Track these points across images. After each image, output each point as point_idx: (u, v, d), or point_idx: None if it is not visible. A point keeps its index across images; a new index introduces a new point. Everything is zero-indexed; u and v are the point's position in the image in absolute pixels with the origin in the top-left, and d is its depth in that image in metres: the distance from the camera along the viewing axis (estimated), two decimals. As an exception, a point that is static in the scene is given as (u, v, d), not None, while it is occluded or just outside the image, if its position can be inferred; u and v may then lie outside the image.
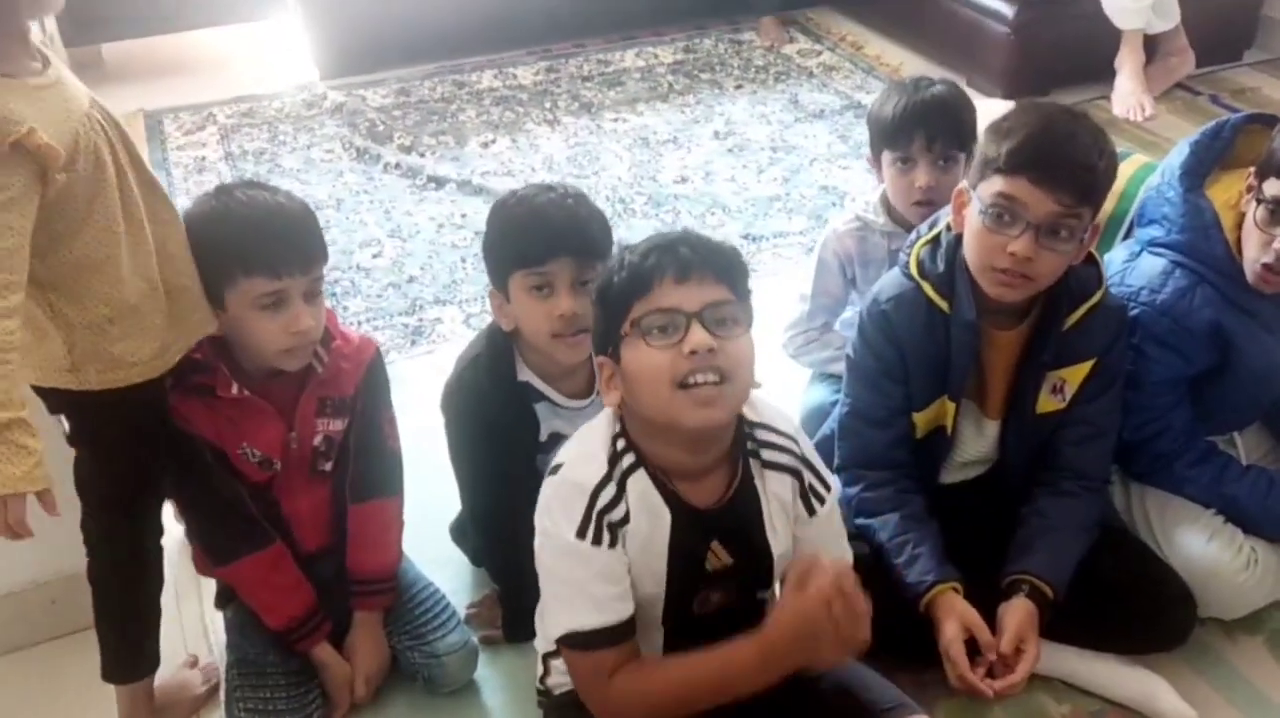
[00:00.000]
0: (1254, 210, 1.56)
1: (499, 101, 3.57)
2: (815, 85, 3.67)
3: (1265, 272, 1.56)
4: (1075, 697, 1.64)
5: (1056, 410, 1.63)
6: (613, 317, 1.24)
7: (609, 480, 1.25)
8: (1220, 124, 1.70)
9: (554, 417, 1.63)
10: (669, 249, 1.22)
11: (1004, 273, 1.47)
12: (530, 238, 1.51)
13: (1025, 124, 1.45)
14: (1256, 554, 1.67)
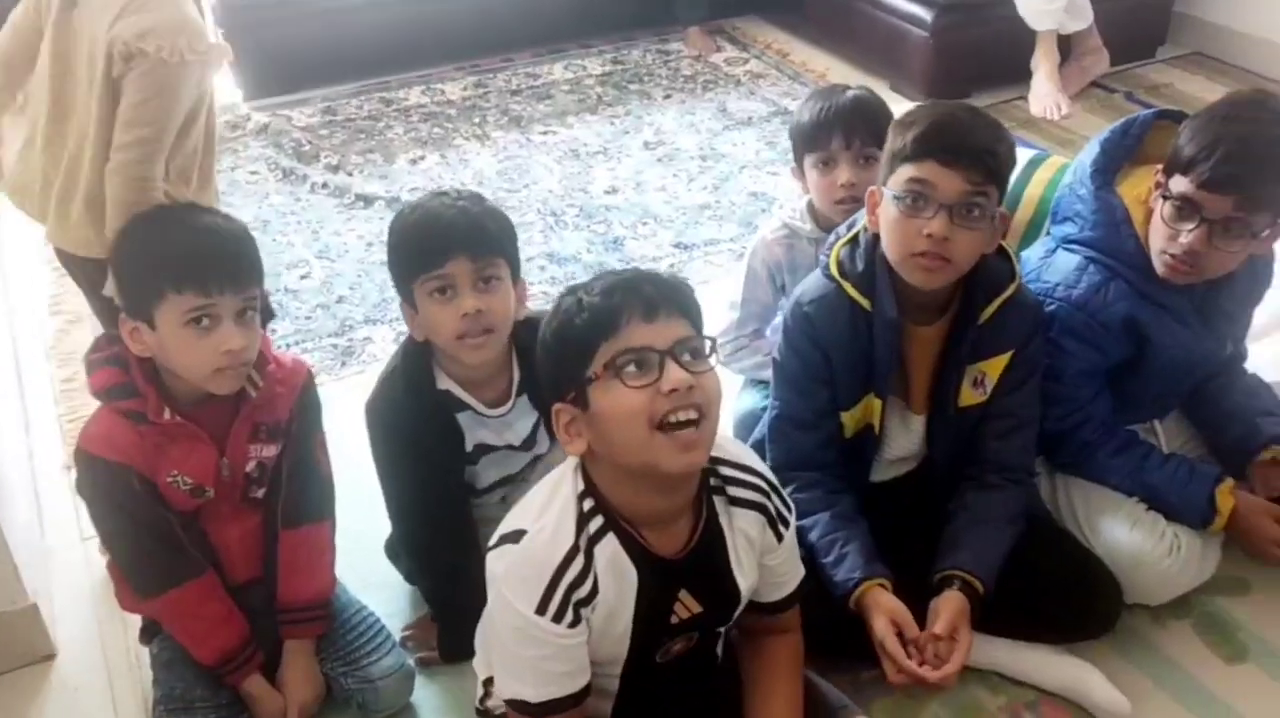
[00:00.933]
0: (1160, 206, 1.60)
1: (427, 118, 3.54)
2: (743, 93, 3.69)
3: (1173, 263, 1.60)
4: (1010, 689, 1.66)
5: (978, 404, 1.65)
6: (575, 360, 1.19)
7: (576, 553, 1.22)
8: (1129, 121, 1.74)
9: (478, 426, 1.62)
10: (632, 288, 1.19)
11: (923, 256, 1.50)
12: (426, 242, 1.50)
13: (928, 114, 1.51)
14: (1180, 541, 1.70)
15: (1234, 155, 1.50)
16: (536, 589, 1.20)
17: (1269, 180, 1.51)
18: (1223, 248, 1.56)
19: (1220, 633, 1.74)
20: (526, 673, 1.25)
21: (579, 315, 1.19)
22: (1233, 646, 1.72)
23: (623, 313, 1.17)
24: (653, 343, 1.17)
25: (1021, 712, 1.63)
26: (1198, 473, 1.73)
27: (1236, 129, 1.52)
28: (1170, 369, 1.73)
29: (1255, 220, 1.54)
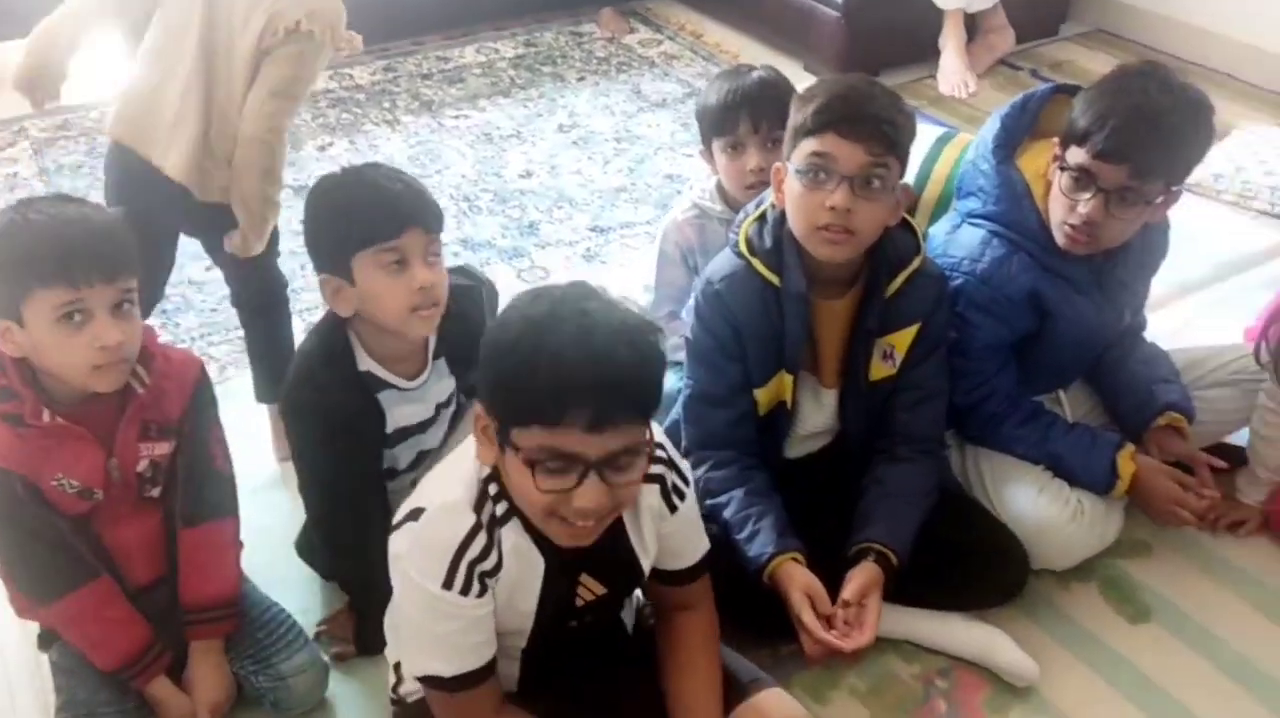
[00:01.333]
0: (1059, 178, 1.62)
1: (335, 103, 3.47)
2: (657, 75, 3.68)
3: (1073, 233, 1.63)
4: (924, 657, 1.69)
5: (888, 376, 1.67)
6: (510, 409, 1.11)
7: (479, 530, 1.21)
8: (1026, 96, 1.77)
9: (399, 404, 1.61)
10: (589, 391, 1.07)
11: (827, 229, 1.51)
12: (379, 213, 1.48)
13: (827, 87, 1.52)
14: (1083, 506, 1.74)
15: (1125, 125, 1.53)
16: (441, 564, 1.20)
17: (1159, 148, 1.55)
18: (1119, 216, 1.59)
19: (1123, 594, 1.79)
20: (439, 648, 1.24)
21: (530, 379, 1.08)
22: (1135, 606, 1.77)
23: (568, 412, 1.07)
24: (585, 453, 1.10)
25: (935, 679, 1.66)
26: (1100, 440, 1.77)
27: (1127, 100, 1.55)
28: (1072, 340, 1.76)
29: (1148, 189, 1.58)
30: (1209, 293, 2.48)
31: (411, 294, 1.49)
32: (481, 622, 1.24)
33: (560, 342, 1.07)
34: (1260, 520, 1.87)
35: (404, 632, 1.30)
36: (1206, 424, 1.88)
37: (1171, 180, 1.61)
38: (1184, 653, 1.69)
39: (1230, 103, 3.29)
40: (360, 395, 1.57)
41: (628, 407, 1.10)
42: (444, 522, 1.21)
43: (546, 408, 1.08)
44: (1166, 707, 1.61)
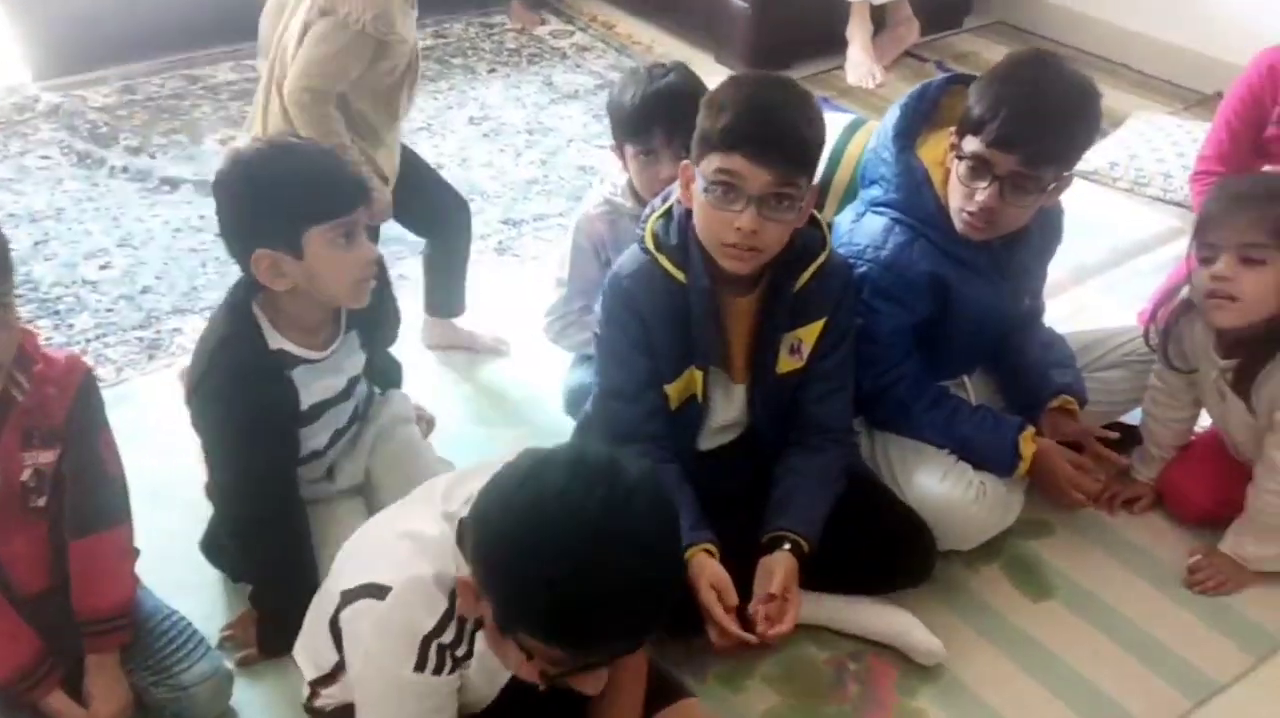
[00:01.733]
0: (956, 166, 1.65)
1: (238, 95, 3.37)
2: (569, 66, 3.66)
3: (970, 220, 1.66)
4: (836, 642, 1.71)
5: (796, 370, 1.68)
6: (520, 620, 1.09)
7: (450, 619, 1.18)
8: (924, 86, 1.80)
9: (313, 378, 1.60)
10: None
11: (733, 247, 1.51)
12: (336, 187, 1.49)
13: (736, 100, 1.48)
14: (985, 487, 1.78)
15: (1017, 114, 1.57)
16: (410, 651, 1.17)
17: (1050, 136, 1.59)
18: (1014, 203, 1.63)
19: (1027, 573, 1.83)
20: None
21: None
22: (1038, 584, 1.81)
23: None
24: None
25: (847, 663, 1.69)
26: (1002, 423, 1.81)
27: (1018, 89, 1.59)
28: (972, 324, 1.80)
29: (1041, 175, 1.62)
30: (1105, 278, 2.55)
31: (362, 267, 1.51)
32: (449, 697, 1.23)
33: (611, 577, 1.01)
34: (1154, 497, 1.93)
35: (362, 706, 1.26)
36: (1101, 405, 1.93)
37: (1063, 166, 1.65)
38: (1084, 628, 1.74)
39: (1125, 92, 3.40)
40: (274, 378, 1.54)
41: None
42: (414, 607, 1.18)
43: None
44: (1068, 680, 1.65)
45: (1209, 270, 1.65)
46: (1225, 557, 1.78)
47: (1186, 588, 1.79)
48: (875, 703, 1.63)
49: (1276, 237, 1.61)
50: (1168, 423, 1.89)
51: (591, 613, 1.00)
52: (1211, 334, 1.74)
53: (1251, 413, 1.72)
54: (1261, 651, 1.69)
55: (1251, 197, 1.65)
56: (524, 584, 1.02)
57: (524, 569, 1.01)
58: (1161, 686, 1.64)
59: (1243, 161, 2.23)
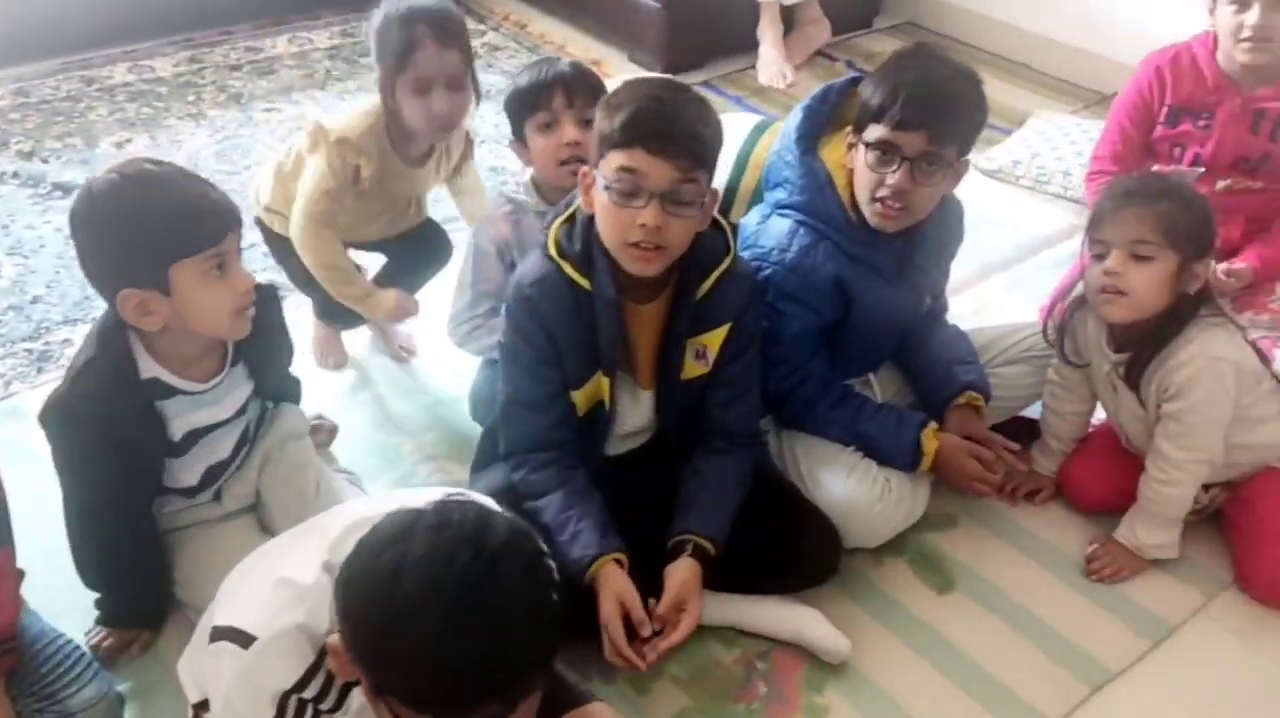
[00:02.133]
0: (862, 157, 1.67)
1: (135, 97, 3.28)
2: (480, 66, 3.59)
3: (885, 208, 1.68)
4: (744, 641, 1.72)
5: (702, 375, 1.68)
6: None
7: (316, 672, 1.15)
8: (826, 89, 1.82)
9: (190, 409, 1.54)
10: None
11: (637, 247, 1.50)
12: (202, 218, 1.42)
13: (633, 98, 1.49)
14: (891, 484, 1.80)
15: (916, 95, 1.61)
16: (268, 705, 1.15)
17: (950, 113, 1.64)
18: (924, 183, 1.65)
19: (931, 567, 1.85)
20: None
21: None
22: (942, 577, 1.84)
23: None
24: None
25: (754, 662, 1.69)
26: (905, 420, 1.83)
27: (911, 74, 1.64)
28: (875, 324, 1.82)
29: (946, 152, 1.65)
30: (1008, 274, 2.60)
31: (237, 297, 1.45)
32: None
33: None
34: (1054, 489, 1.97)
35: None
36: (1004, 400, 1.97)
37: (962, 147, 1.69)
38: (987, 619, 1.76)
39: (1028, 92, 3.47)
40: (139, 407, 1.49)
41: None
42: (276, 661, 1.15)
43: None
44: (970, 671, 1.68)
45: (1100, 266, 1.70)
46: (1120, 545, 1.82)
47: (1085, 577, 1.83)
48: (782, 701, 1.63)
49: (1164, 234, 1.65)
50: (1066, 416, 1.93)
51: (457, 683, 0.98)
52: (1104, 329, 1.79)
53: (1142, 405, 1.76)
54: (1156, 636, 1.73)
55: (1141, 194, 1.69)
56: (387, 654, 0.99)
57: (385, 640, 0.99)
58: (1060, 673, 1.67)
59: (1135, 161, 2.29)
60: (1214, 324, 1.69)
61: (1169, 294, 1.67)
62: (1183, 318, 1.68)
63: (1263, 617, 1.76)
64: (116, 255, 1.42)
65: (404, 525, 1.01)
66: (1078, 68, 3.51)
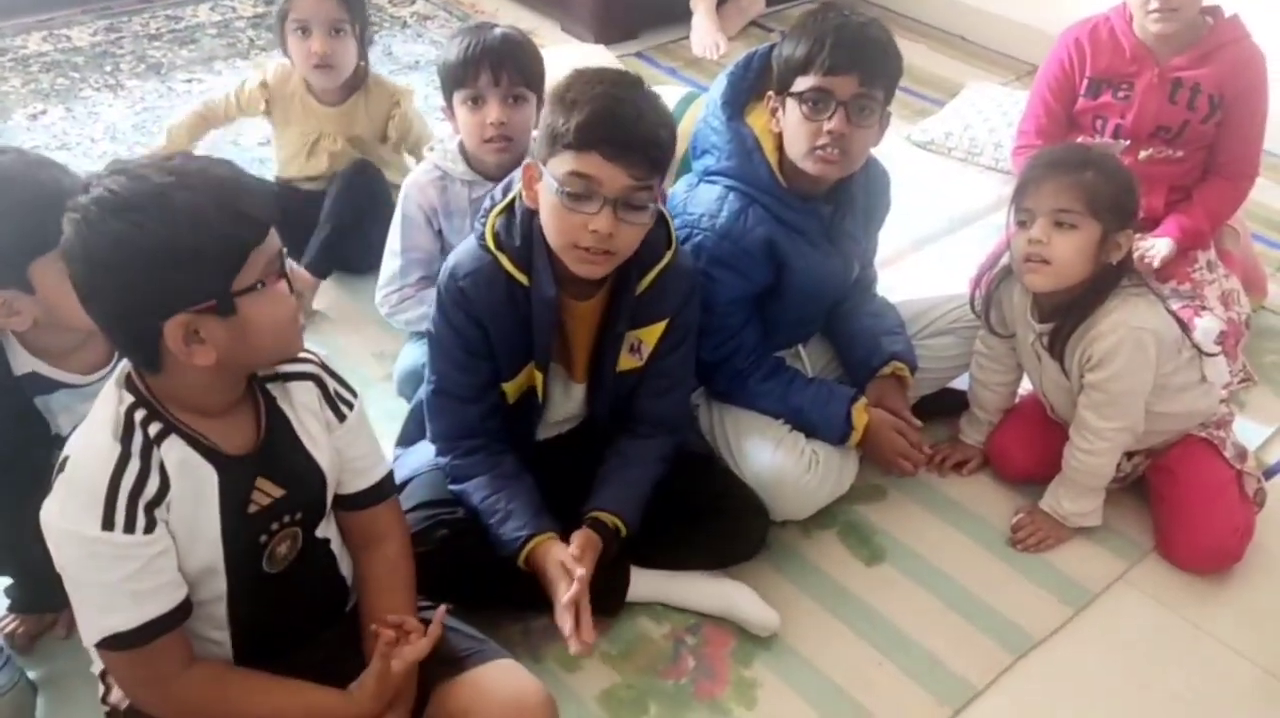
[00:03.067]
0: (794, 110, 1.66)
1: (49, 67, 3.17)
2: (410, 35, 3.55)
3: (824, 155, 1.66)
4: (673, 616, 1.71)
5: (635, 368, 1.66)
6: (222, 269, 1.12)
7: (128, 458, 1.14)
8: (749, 56, 1.81)
9: (80, 401, 1.46)
10: (251, 191, 1.15)
11: (586, 250, 1.46)
12: (52, 212, 1.25)
13: (590, 99, 1.43)
14: (818, 457, 1.80)
15: (842, 41, 1.62)
16: (95, 505, 1.12)
17: (876, 54, 1.65)
18: (860, 125, 1.65)
19: (860, 538, 1.86)
20: (113, 599, 1.16)
21: (219, 226, 1.10)
22: (871, 549, 1.85)
23: (267, 213, 1.15)
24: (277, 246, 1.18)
25: (684, 636, 1.69)
26: (836, 393, 1.83)
27: (831, 23, 1.65)
28: (806, 290, 1.81)
29: (876, 94, 1.66)
30: (939, 245, 2.61)
31: None
32: (157, 562, 1.16)
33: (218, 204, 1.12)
34: (981, 460, 1.99)
35: (73, 597, 1.19)
36: (931, 371, 1.97)
37: (888, 93, 1.69)
38: (915, 590, 1.78)
39: (961, 63, 3.49)
40: (14, 405, 1.43)
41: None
42: (90, 460, 1.14)
43: (248, 231, 1.15)
44: (897, 642, 1.69)
45: (1024, 234, 1.70)
46: (1045, 514, 1.84)
47: (1010, 546, 1.85)
48: (711, 675, 1.63)
49: (1087, 203, 1.66)
50: (992, 387, 1.95)
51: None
52: (1029, 298, 1.79)
53: (1065, 375, 1.78)
54: (1079, 603, 1.76)
55: (1065, 164, 1.70)
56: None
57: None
58: (985, 641, 1.69)
59: (1058, 134, 2.30)
60: (1135, 294, 1.71)
61: (1092, 264, 1.68)
62: (1105, 288, 1.70)
63: (1182, 582, 1.79)
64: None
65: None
66: (1010, 39, 3.53)
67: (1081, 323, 1.71)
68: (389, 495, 1.41)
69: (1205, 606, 1.76)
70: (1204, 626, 1.73)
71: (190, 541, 1.19)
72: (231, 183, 1.13)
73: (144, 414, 1.17)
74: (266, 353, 1.21)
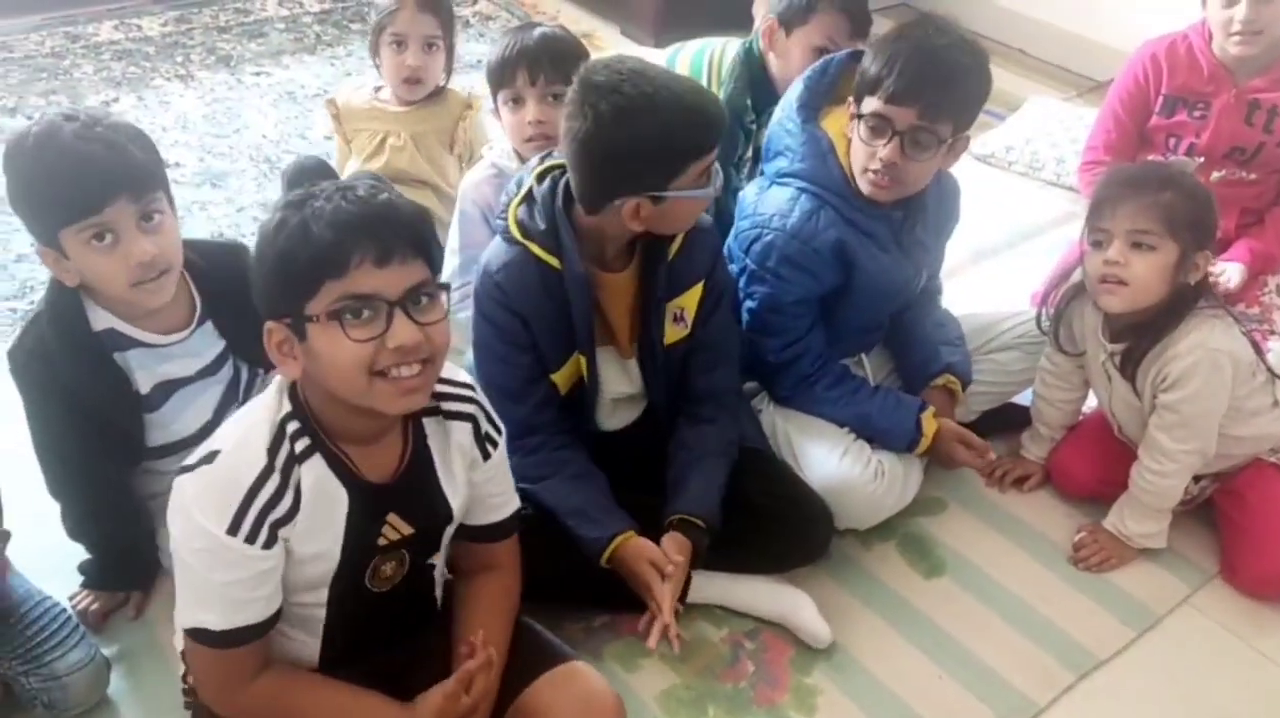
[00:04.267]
0: (857, 128, 1.67)
1: (121, 55, 3.22)
2: (472, 35, 3.58)
3: (876, 179, 1.67)
4: (732, 620, 1.72)
5: (683, 339, 1.68)
6: (294, 291, 1.11)
7: (270, 473, 1.15)
8: (826, 61, 1.81)
9: (156, 361, 1.50)
10: (367, 227, 1.10)
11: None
12: (75, 186, 1.33)
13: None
14: (884, 466, 1.80)
15: (910, 69, 1.60)
16: (228, 510, 1.14)
17: (944, 87, 1.62)
18: (915, 157, 1.64)
19: (920, 551, 1.86)
20: (215, 599, 1.18)
21: (304, 247, 1.09)
22: (930, 561, 1.84)
23: (353, 254, 1.09)
24: (382, 291, 1.11)
25: (743, 641, 1.69)
26: (904, 401, 1.84)
27: (908, 45, 1.62)
28: (873, 294, 1.81)
29: (939, 128, 1.64)
30: (1000, 260, 2.60)
31: (129, 270, 1.38)
32: (264, 576, 1.18)
33: (325, 206, 1.10)
34: (1043, 476, 1.98)
35: (180, 581, 1.22)
36: (995, 386, 1.98)
37: (959, 124, 1.67)
38: (975, 605, 1.77)
39: (1022, 77, 3.47)
40: (93, 359, 1.45)
41: (406, 242, 1.12)
42: (237, 463, 1.16)
43: (331, 258, 1.09)
44: (956, 656, 1.68)
45: (1100, 255, 1.69)
46: (1109, 534, 1.83)
47: (1072, 564, 1.84)
48: (771, 681, 1.63)
49: (1166, 224, 1.65)
50: (1057, 404, 1.94)
51: (312, 228, 1.11)
52: (1100, 317, 1.78)
53: (1136, 396, 1.77)
54: (1141, 625, 1.74)
55: (1143, 183, 1.69)
56: (263, 254, 1.14)
57: (259, 246, 1.16)
58: (1046, 659, 1.68)
59: (1129, 151, 2.29)
60: (1211, 315, 1.69)
61: (1169, 285, 1.67)
62: (1182, 309, 1.69)
63: (1247, 608, 1.78)
64: (19, 210, 1.40)
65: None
66: (1072, 54, 3.51)
67: (1156, 343, 1.70)
68: (511, 534, 1.41)
69: (1271, 633, 1.74)
70: (1270, 653, 1.71)
71: (307, 557, 1.21)
72: (337, 213, 1.10)
73: (296, 427, 1.18)
74: (333, 388, 1.16)
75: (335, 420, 1.19)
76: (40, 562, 1.58)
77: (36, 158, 1.34)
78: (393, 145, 2.35)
